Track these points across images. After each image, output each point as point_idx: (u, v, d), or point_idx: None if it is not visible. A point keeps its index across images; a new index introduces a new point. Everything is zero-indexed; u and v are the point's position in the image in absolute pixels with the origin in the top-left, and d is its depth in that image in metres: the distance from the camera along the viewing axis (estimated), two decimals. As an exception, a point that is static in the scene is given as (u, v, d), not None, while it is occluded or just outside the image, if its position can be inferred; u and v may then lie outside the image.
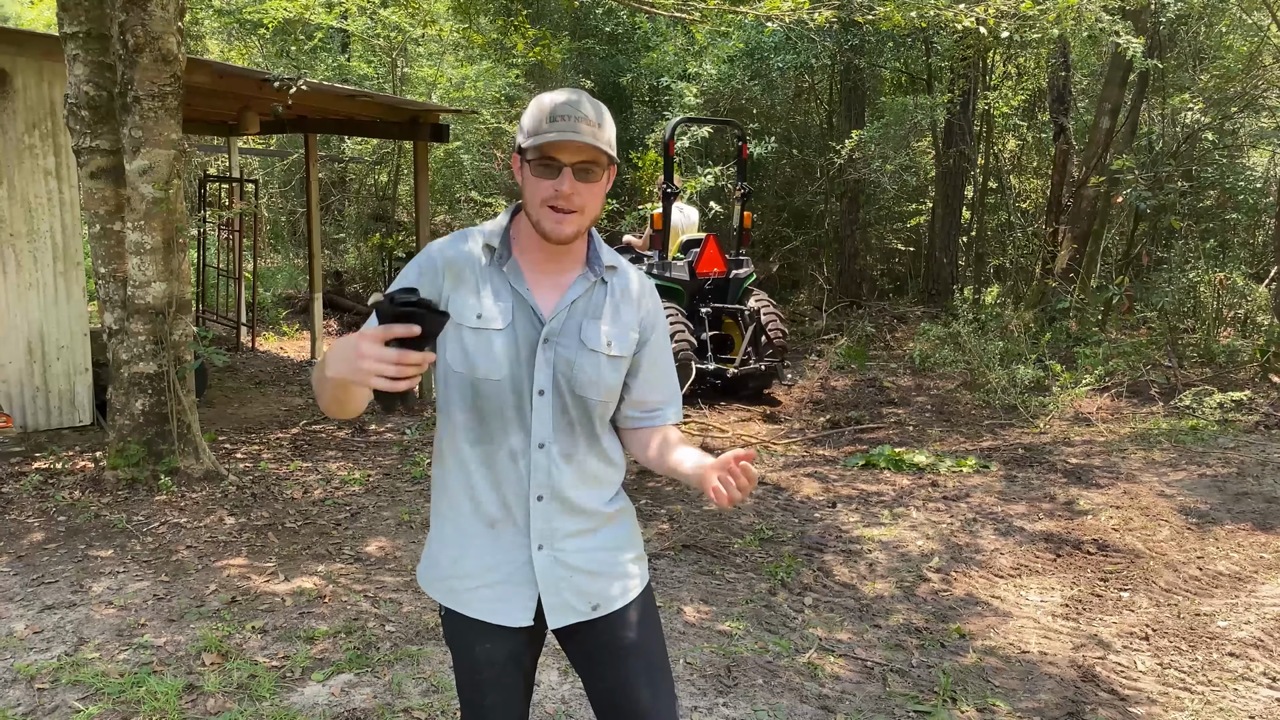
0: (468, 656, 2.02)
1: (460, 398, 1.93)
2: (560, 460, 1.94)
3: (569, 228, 1.85)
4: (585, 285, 1.95)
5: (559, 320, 1.92)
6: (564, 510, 1.95)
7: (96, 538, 5.06)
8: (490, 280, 1.92)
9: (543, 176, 1.84)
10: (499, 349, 1.89)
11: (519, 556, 1.95)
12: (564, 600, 1.97)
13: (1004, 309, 11.15)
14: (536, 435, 1.92)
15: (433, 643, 3.97)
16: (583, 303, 1.95)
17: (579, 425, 1.95)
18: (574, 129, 1.80)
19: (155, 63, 5.51)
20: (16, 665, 3.69)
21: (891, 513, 5.80)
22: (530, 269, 1.94)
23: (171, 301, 5.83)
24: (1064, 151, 12.10)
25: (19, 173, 6.72)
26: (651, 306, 2.04)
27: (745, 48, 13.12)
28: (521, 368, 1.90)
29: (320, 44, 14.28)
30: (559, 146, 1.82)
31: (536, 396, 1.91)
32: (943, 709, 3.56)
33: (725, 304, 9.11)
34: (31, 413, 6.97)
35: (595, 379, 1.93)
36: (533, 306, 1.91)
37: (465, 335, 1.89)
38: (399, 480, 6.25)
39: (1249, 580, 4.78)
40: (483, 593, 1.96)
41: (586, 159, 1.83)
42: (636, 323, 2.00)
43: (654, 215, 9.09)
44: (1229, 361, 9.70)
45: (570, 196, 1.83)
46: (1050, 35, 10.01)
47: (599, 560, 2.00)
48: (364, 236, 15.63)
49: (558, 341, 1.92)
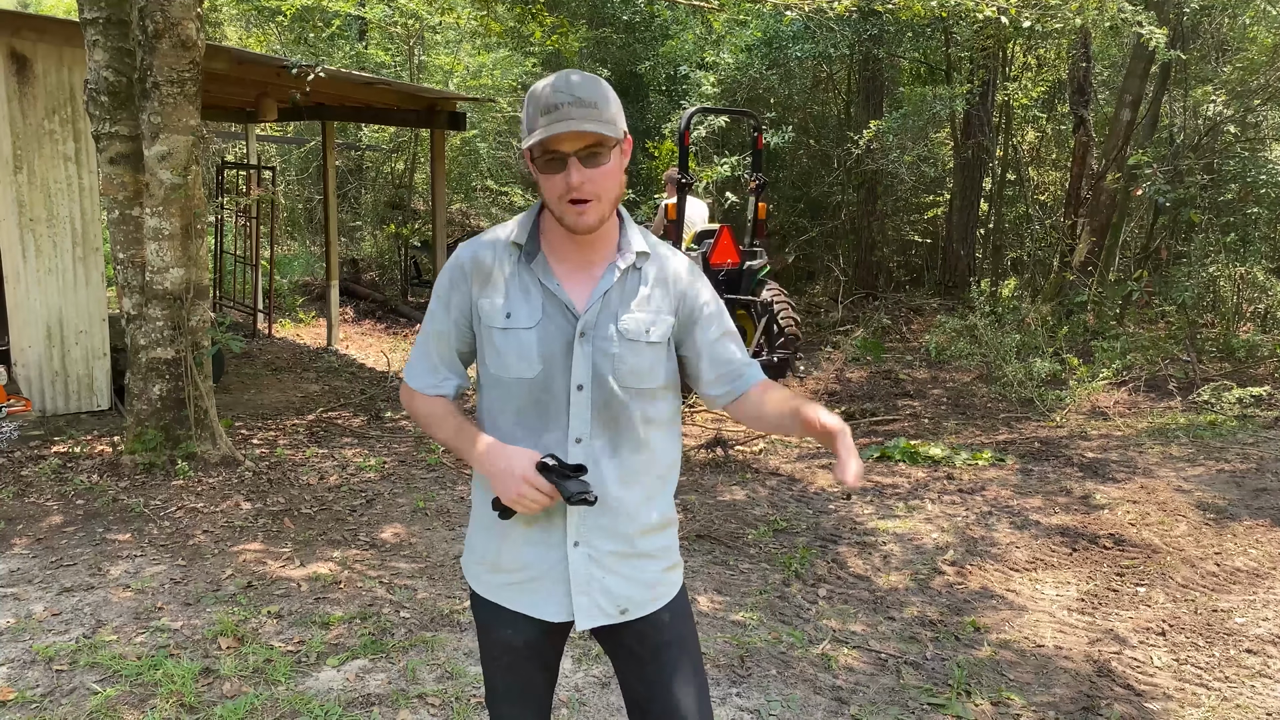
0: (489, 638, 2.03)
1: (497, 397, 1.91)
2: (600, 456, 1.90)
3: (590, 217, 1.81)
4: (617, 274, 1.90)
5: (593, 313, 1.87)
6: (603, 508, 1.90)
7: (114, 521, 5.09)
8: (519, 278, 1.89)
9: (551, 172, 1.79)
10: (531, 347, 1.86)
11: (554, 554, 1.92)
12: (593, 600, 1.94)
13: (1021, 302, 11.08)
14: (574, 430, 1.88)
15: (447, 629, 3.99)
16: (616, 292, 1.90)
17: (622, 420, 1.90)
18: (566, 117, 1.73)
19: (174, 49, 5.52)
20: (35, 647, 3.72)
21: (906, 505, 5.78)
22: (560, 263, 1.90)
23: (189, 287, 5.85)
24: (1083, 144, 12.01)
25: (39, 158, 6.75)
26: (687, 284, 1.96)
27: (763, 37, 13.05)
28: (556, 364, 1.86)
29: (338, 31, 14.28)
30: (555, 140, 1.76)
31: (575, 392, 1.87)
32: (957, 702, 3.55)
33: (738, 295, 9.09)
34: (50, 397, 7.02)
35: (635, 369, 1.88)
36: (565, 302, 1.87)
37: (495, 336, 1.87)
38: (414, 467, 6.27)
39: (1267, 576, 4.75)
40: (516, 588, 1.95)
41: (589, 144, 1.77)
42: (671, 307, 1.94)
43: (668, 206, 9.06)
44: (1248, 356, 9.63)
45: (581, 186, 1.77)
46: (1072, 26, 9.91)
47: (634, 566, 1.96)
48: (380, 225, 15.66)
49: (594, 335, 1.87)
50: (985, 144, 13.25)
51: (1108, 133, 11.90)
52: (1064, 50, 13.34)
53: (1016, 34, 11.05)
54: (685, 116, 9.12)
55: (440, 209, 9.98)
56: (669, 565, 2.03)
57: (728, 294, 9.06)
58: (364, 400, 8.12)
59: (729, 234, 9.04)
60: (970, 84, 12.66)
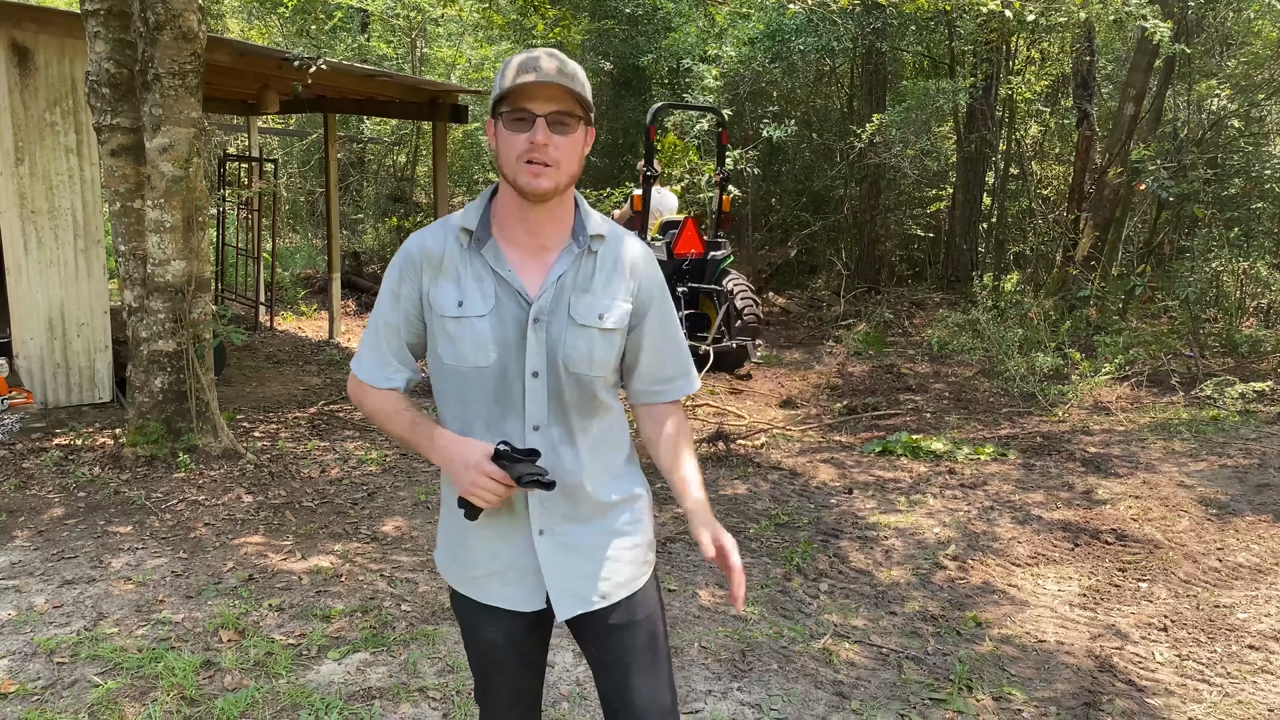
0: (472, 636, 2.03)
1: (452, 388, 1.90)
2: (559, 443, 1.89)
3: (546, 180, 1.78)
4: (571, 257, 1.88)
5: (547, 298, 1.85)
6: (565, 494, 1.90)
7: (116, 514, 5.09)
8: (470, 265, 1.86)
9: (516, 131, 1.77)
10: (485, 335, 1.84)
11: (521, 543, 1.92)
12: (570, 588, 1.93)
13: (1024, 296, 11.07)
14: (531, 418, 1.87)
15: (448, 623, 3.98)
16: (570, 276, 1.88)
17: (576, 406, 1.90)
18: (544, 74, 1.75)
19: (176, 40, 5.51)
20: (36, 639, 3.72)
21: (908, 500, 5.78)
22: (512, 248, 1.88)
23: (191, 280, 5.85)
24: (1087, 138, 11.97)
25: (40, 150, 6.74)
26: (646, 274, 1.95)
27: (766, 30, 13.02)
28: (510, 351, 1.85)
29: (340, 24, 14.26)
30: (530, 92, 1.75)
31: (530, 379, 1.86)
32: (958, 697, 3.55)
33: (701, 284, 9.38)
34: (52, 389, 7.02)
35: (588, 355, 1.87)
36: (517, 288, 1.85)
37: (449, 325, 1.85)
38: (415, 460, 6.27)
39: (1269, 572, 4.74)
40: (488, 580, 1.95)
41: (560, 109, 1.77)
42: (628, 292, 1.92)
43: (634, 197, 9.33)
44: (1251, 351, 9.61)
45: (545, 148, 1.75)
46: (1076, 19, 9.88)
47: (603, 545, 1.95)
48: (382, 217, 15.65)
49: (549, 321, 1.85)
50: (988, 138, 13.22)
51: (1111, 127, 11.86)
52: (1068, 44, 13.30)
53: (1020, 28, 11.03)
54: (651, 112, 9.52)
55: (442, 202, 9.97)
56: (639, 542, 2.02)
57: (691, 282, 9.41)
58: (365, 393, 8.11)
59: (693, 225, 9.42)
60: (974, 78, 12.62)
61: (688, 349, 2.07)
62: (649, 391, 2.02)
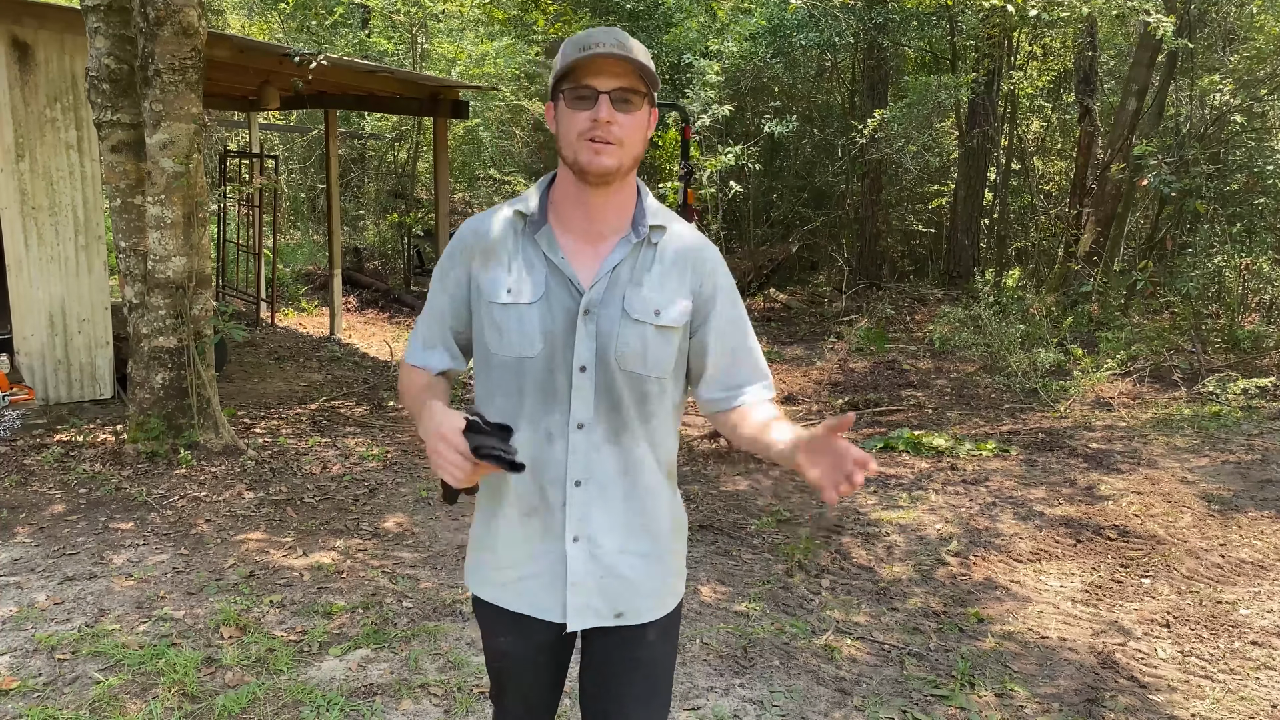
0: (491, 644, 1.96)
1: (496, 379, 1.81)
2: (602, 443, 1.79)
3: (608, 158, 1.69)
4: (629, 248, 1.78)
5: (600, 289, 1.76)
6: (604, 501, 1.81)
7: (117, 510, 5.09)
8: (522, 252, 1.79)
9: (578, 109, 1.70)
10: (532, 324, 1.75)
11: (554, 548, 1.82)
12: (586, 601, 1.83)
13: (1025, 292, 11.05)
14: (576, 415, 1.77)
15: (450, 619, 3.98)
16: (626, 268, 1.78)
17: (627, 406, 1.79)
18: (607, 47, 1.68)
19: (176, 36, 5.50)
20: (38, 635, 3.72)
21: (910, 495, 5.77)
22: (567, 235, 1.79)
23: (191, 276, 5.84)
24: (1089, 133, 11.95)
25: (41, 146, 6.73)
26: (709, 270, 1.84)
27: (768, 25, 12.99)
28: (558, 343, 1.76)
29: (340, 19, 14.24)
30: (594, 68, 1.68)
31: (577, 373, 1.76)
32: (960, 693, 3.54)
33: None
34: (53, 385, 7.02)
35: (641, 352, 1.76)
36: (569, 276, 1.76)
37: (495, 312, 1.78)
38: (417, 457, 6.26)
39: (1272, 568, 4.73)
40: (515, 585, 1.87)
41: (624, 85, 1.69)
42: (688, 290, 1.81)
43: None
44: (1254, 347, 9.59)
45: (608, 126, 1.68)
46: (1078, 14, 9.85)
47: (636, 567, 1.85)
48: (383, 213, 15.64)
49: (599, 313, 1.76)
50: (990, 133, 13.19)
51: (1113, 122, 11.83)
52: (1070, 39, 13.27)
53: (1022, 22, 11.00)
54: None
55: (443, 198, 9.95)
56: (674, 573, 1.93)
57: None
58: (367, 389, 8.11)
59: None
60: (975, 73, 12.59)
61: (759, 351, 1.93)
62: (716, 400, 1.89)
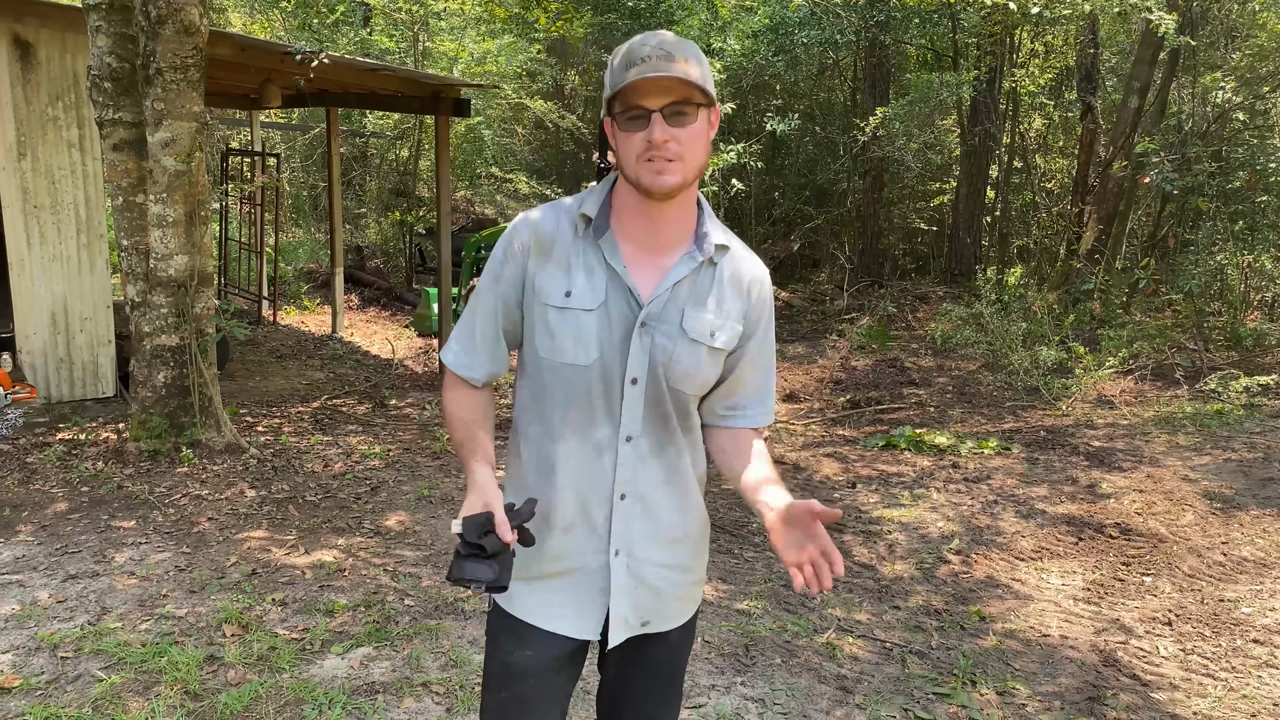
0: (504, 658, 1.86)
1: (544, 386, 1.76)
2: (648, 455, 1.77)
3: (671, 177, 1.64)
4: (691, 266, 1.74)
5: (659, 303, 1.72)
6: (645, 513, 1.79)
7: (119, 508, 5.09)
8: (583, 255, 1.73)
9: (633, 130, 1.64)
10: (589, 331, 1.70)
11: (594, 562, 1.79)
12: (621, 614, 1.81)
13: (1027, 290, 11.04)
14: (625, 428, 1.74)
15: (451, 617, 3.98)
16: (687, 286, 1.74)
17: (671, 421, 1.77)
18: (654, 67, 1.60)
19: (178, 34, 5.50)
20: (40, 634, 3.72)
21: (912, 494, 5.77)
22: (629, 244, 1.74)
23: (193, 274, 5.84)
24: (1091, 131, 11.94)
25: (43, 145, 6.73)
26: (760, 295, 1.82)
27: (770, 23, 12.98)
28: (614, 352, 1.71)
29: (342, 18, 14.23)
30: (642, 89, 1.61)
31: (629, 385, 1.72)
32: (962, 691, 3.55)
33: None
34: (55, 384, 7.03)
35: (693, 372, 1.75)
36: (630, 286, 1.71)
37: (550, 316, 1.72)
38: (419, 455, 6.26)
39: (1274, 566, 4.73)
40: (548, 598, 1.81)
41: (675, 99, 1.62)
42: (741, 314, 1.79)
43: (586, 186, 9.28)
44: (1256, 345, 9.59)
45: (665, 144, 1.61)
46: (1080, 11, 9.84)
47: (667, 579, 1.84)
48: (385, 212, 15.64)
49: (656, 327, 1.72)
50: (992, 131, 13.19)
51: (1115, 120, 11.82)
52: (1072, 36, 13.26)
53: (1024, 20, 10.99)
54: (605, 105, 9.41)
55: (445, 196, 9.95)
56: (699, 581, 1.93)
57: None
58: (369, 387, 8.12)
59: None
60: (977, 71, 12.59)
61: (773, 379, 1.94)
62: (721, 414, 1.88)
